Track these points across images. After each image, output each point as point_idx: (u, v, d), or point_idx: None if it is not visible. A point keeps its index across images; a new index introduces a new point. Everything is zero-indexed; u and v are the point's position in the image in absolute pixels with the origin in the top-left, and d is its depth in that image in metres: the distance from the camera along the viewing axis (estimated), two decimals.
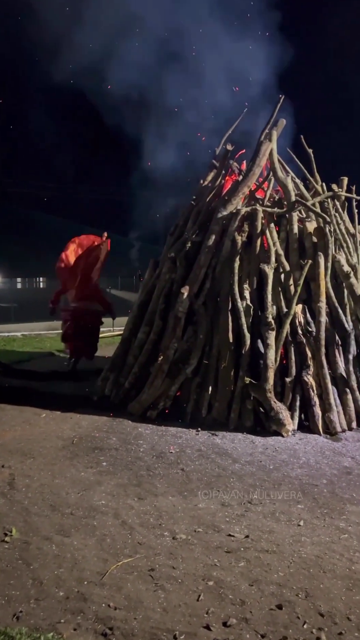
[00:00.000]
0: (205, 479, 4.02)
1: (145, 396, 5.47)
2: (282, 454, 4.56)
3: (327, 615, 2.46)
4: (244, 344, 5.30)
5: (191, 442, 4.82)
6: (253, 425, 5.16)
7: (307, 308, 5.49)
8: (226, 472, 4.17)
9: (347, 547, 3.07)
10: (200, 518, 3.40)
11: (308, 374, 5.21)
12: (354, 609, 2.51)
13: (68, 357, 8.01)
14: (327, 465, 4.33)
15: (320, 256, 5.42)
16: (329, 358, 5.27)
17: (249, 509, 3.55)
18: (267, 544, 3.10)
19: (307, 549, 3.04)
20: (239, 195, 5.71)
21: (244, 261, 5.61)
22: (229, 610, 2.49)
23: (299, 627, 2.37)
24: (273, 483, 3.97)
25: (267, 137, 5.68)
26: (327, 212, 5.58)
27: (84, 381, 7.01)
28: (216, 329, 5.53)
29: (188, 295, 5.57)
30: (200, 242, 5.78)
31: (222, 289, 5.61)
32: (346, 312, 5.47)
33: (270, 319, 5.25)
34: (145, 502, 3.62)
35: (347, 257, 5.63)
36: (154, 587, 2.65)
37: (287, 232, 5.64)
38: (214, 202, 6.03)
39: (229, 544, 3.09)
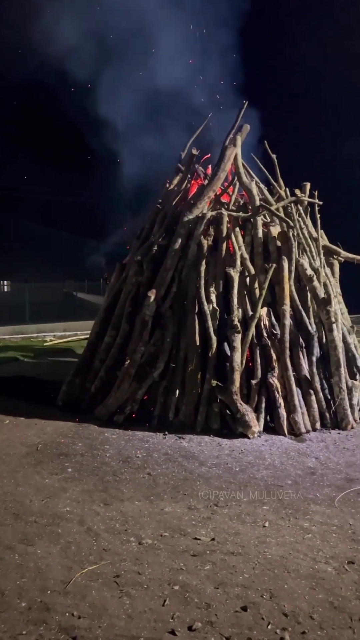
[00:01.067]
0: (172, 483, 4.02)
1: (111, 400, 5.43)
2: (248, 456, 4.60)
3: (290, 615, 2.49)
4: (211, 347, 5.34)
5: (158, 446, 4.81)
6: (220, 427, 5.19)
7: (271, 311, 5.56)
8: (193, 475, 4.18)
9: (310, 546, 3.12)
10: (167, 522, 3.39)
11: (273, 376, 5.28)
12: (317, 607, 2.55)
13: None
14: (292, 466, 4.39)
15: (284, 260, 5.51)
16: (293, 360, 5.35)
17: (215, 511, 3.56)
18: (232, 546, 3.11)
19: (272, 549, 3.08)
20: (204, 200, 5.75)
21: (210, 265, 5.65)
22: (195, 614, 2.49)
23: (263, 628, 2.39)
24: (239, 485, 4.00)
25: (231, 142, 5.74)
26: (291, 216, 5.68)
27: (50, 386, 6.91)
28: (183, 332, 5.54)
29: (155, 298, 5.57)
30: (166, 245, 5.79)
31: (189, 292, 5.63)
32: (309, 315, 5.57)
33: (236, 322, 5.30)
34: (111, 507, 3.58)
35: (310, 261, 5.74)
36: (119, 593, 2.63)
37: (252, 236, 5.71)
38: (179, 205, 6.06)
39: (195, 548, 3.09)
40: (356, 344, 5.82)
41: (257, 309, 5.37)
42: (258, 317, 5.38)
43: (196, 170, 6.29)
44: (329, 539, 3.21)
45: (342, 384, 5.34)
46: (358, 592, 2.67)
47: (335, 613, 2.51)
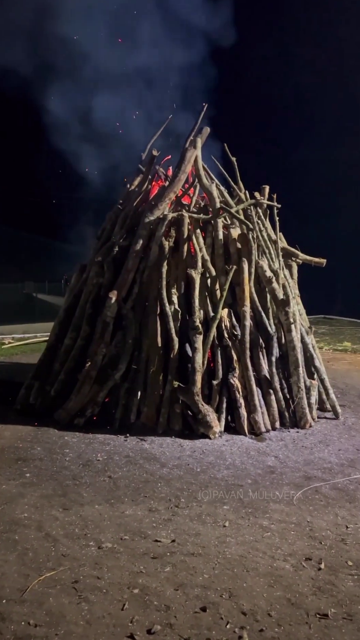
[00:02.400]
0: (132, 485, 3.99)
1: (72, 404, 5.35)
2: (209, 456, 4.63)
3: (249, 613, 2.52)
4: (173, 348, 5.34)
5: (119, 448, 4.77)
6: (182, 428, 5.20)
7: (232, 312, 5.62)
8: (154, 477, 4.17)
9: (269, 544, 3.17)
10: (127, 525, 3.37)
11: (234, 376, 5.33)
12: (275, 604, 2.59)
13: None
14: (252, 465, 4.45)
15: (244, 262, 5.57)
16: (254, 360, 5.42)
17: (176, 512, 3.56)
18: (193, 547, 3.12)
19: (232, 549, 3.10)
20: (165, 201, 5.75)
21: (171, 266, 5.65)
22: (154, 616, 2.48)
23: (222, 628, 2.41)
24: (200, 485, 4.02)
25: (191, 144, 5.77)
26: (250, 219, 5.75)
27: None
28: (145, 334, 5.52)
29: (116, 300, 5.52)
30: (127, 246, 5.75)
31: (151, 293, 5.62)
32: (269, 316, 5.66)
33: (197, 323, 5.32)
34: (71, 512, 3.53)
35: (269, 263, 5.82)
36: (77, 599, 2.59)
37: (213, 238, 5.75)
38: (141, 206, 6.03)
39: (155, 550, 3.08)
40: (314, 344, 5.95)
41: (218, 310, 5.41)
42: (219, 318, 5.42)
43: (157, 171, 6.29)
44: (287, 536, 3.26)
45: (300, 384, 5.45)
46: (314, 588, 2.73)
47: (292, 609, 2.55)
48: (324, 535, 3.27)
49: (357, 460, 4.56)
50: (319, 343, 9.52)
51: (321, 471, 4.31)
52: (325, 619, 2.48)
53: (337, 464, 4.47)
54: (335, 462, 4.50)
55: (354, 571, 2.89)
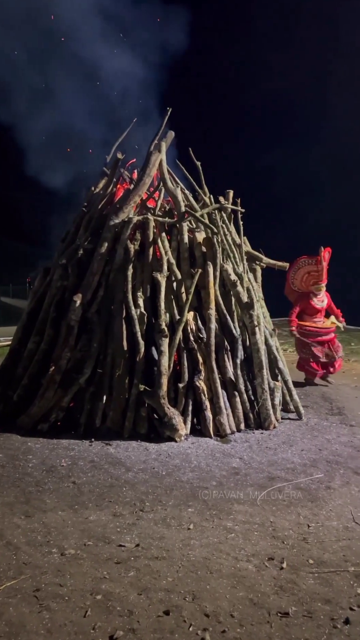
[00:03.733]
0: (97, 491, 3.96)
1: (35, 409, 5.26)
2: (174, 459, 4.63)
3: (212, 615, 2.53)
4: (139, 352, 5.33)
5: (84, 453, 4.72)
6: (147, 432, 5.19)
7: (198, 315, 5.65)
8: (119, 481, 4.15)
9: (233, 546, 3.19)
10: (91, 531, 3.34)
11: (200, 379, 5.35)
12: (238, 605, 2.61)
13: None
14: (217, 467, 4.48)
15: (209, 265, 5.62)
16: (219, 363, 5.46)
17: (141, 517, 3.56)
18: (157, 550, 3.12)
19: (196, 551, 3.12)
20: (130, 204, 5.74)
21: (137, 269, 5.64)
22: (117, 622, 2.46)
23: (185, 631, 2.42)
24: (165, 489, 4.02)
25: (156, 148, 5.78)
26: (215, 223, 5.80)
27: None
28: (110, 337, 5.49)
29: (81, 303, 5.47)
30: (92, 249, 5.71)
31: (116, 296, 5.59)
32: (234, 319, 5.72)
33: (163, 326, 5.33)
34: (33, 519, 3.47)
35: (234, 267, 5.89)
36: (38, 608, 2.55)
37: (178, 242, 5.78)
38: (105, 209, 6.00)
39: (119, 555, 3.06)
40: (278, 347, 6.05)
41: (184, 313, 5.43)
42: (185, 321, 5.45)
43: (122, 174, 6.27)
44: (250, 537, 3.30)
45: (264, 385, 5.52)
46: (276, 587, 2.77)
47: (254, 609, 2.58)
48: (287, 535, 3.33)
49: (319, 460, 4.65)
50: (284, 345, 9.67)
51: (284, 471, 4.38)
52: (286, 618, 2.52)
53: (299, 464, 4.55)
54: (298, 463, 4.58)
55: (314, 569, 2.95)
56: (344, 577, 2.87)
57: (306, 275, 7.41)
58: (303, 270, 7.39)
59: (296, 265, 7.39)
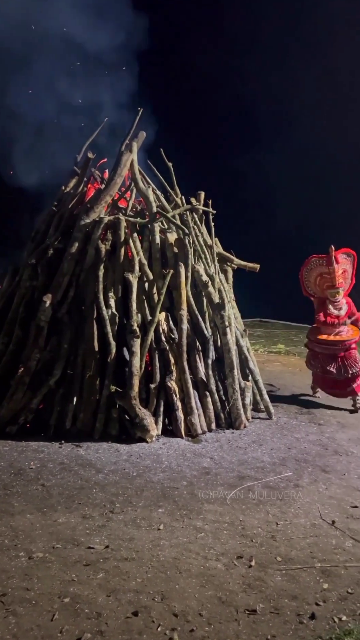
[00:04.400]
0: (66, 493, 3.92)
1: (4, 411, 5.17)
2: (145, 460, 4.63)
3: (180, 614, 2.54)
4: (110, 353, 5.30)
5: (54, 455, 4.67)
6: (118, 433, 5.16)
7: (169, 316, 5.66)
8: (89, 483, 4.12)
9: (203, 545, 3.21)
10: (60, 533, 3.31)
11: (171, 379, 5.36)
12: (206, 604, 2.63)
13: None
14: (188, 467, 4.49)
15: (181, 266, 5.63)
16: (190, 363, 5.48)
17: (111, 518, 3.54)
18: (126, 552, 3.11)
19: (166, 552, 3.12)
20: (101, 204, 5.70)
21: (108, 270, 5.61)
22: (84, 625, 2.45)
23: (153, 631, 2.42)
24: (136, 490, 4.01)
25: (127, 148, 5.76)
26: (187, 224, 5.82)
27: None
28: (81, 338, 5.45)
29: (51, 303, 5.41)
30: (62, 249, 5.65)
31: (87, 297, 5.55)
32: (205, 320, 5.75)
33: (135, 327, 5.31)
34: (0, 523, 3.41)
35: (205, 268, 5.92)
36: (4, 613, 2.51)
37: (150, 242, 5.77)
38: (76, 209, 5.95)
39: (88, 557, 3.04)
40: (248, 347, 6.10)
41: (155, 314, 5.43)
42: (157, 322, 5.45)
43: (92, 174, 6.23)
44: (220, 536, 3.33)
45: (235, 385, 5.57)
46: (245, 585, 2.80)
47: (222, 607, 2.61)
48: (255, 533, 3.36)
49: (288, 458, 4.72)
50: (255, 345, 9.78)
51: (254, 470, 4.43)
52: (253, 615, 2.55)
53: (269, 462, 4.61)
54: (268, 461, 4.64)
55: (282, 566, 2.99)
56: (310, 574, 2.92)
57: (319, 277, 6.49)
58: (315, 272, 6.51)
59: (307, 265, 6.54)
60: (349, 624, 2.48)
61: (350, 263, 6.57)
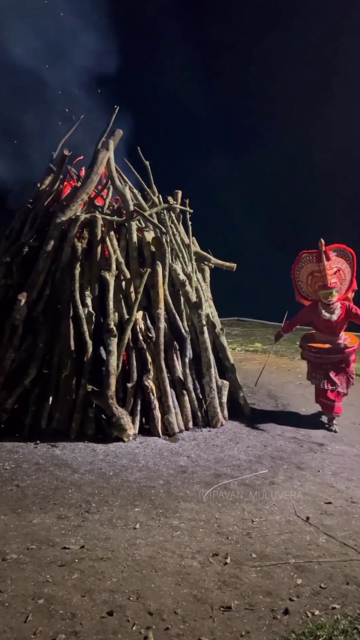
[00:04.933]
0: (42, 493, 3.88)
1: None
2: (122, 459, 4.61)
3: (155, 613, 2.54)
4: (86, 352, 5.27)
5: (29, 456, 4.62)
6: (95, 433, 5.13)
7: (147, 314, 5.65)
8: (65, 483, 4.08)
9: (178, 543, 3.22)
10: (34, 534, 3.27)
11: (148, 378, 5.35)
12: (181, 602, 2.64)
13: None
14: (165, 466, 4.50)
15: (159, 265, 5.62)
16: (168, 362, 5.48)
17: (86, 518, 3.52)
18: (102, 551, 3.10)
19: (142, 550, 3.12)
20: (77, 202, 5.66)
21: (84, 268, 5.57)
22: (59, 626, 2.43)
23: (128, 630, 2.41)
24: (112, 489, 4.00)
25: (104, 146, 5.73)
26: (164, 223, 5.82)
27: None
28: (57, 337, 5.40)
29: (26, 302, 5.34)
30: (38, 247, 5.59)
31: (63, 296, 5.50)
32: (183, 318, 5.75)
33: (112, 325, 5.29)
34: None
35: (182, 267, 5.93)
36: None
37: (127, 241, 5.75)
38: (52, 207, 5.89)
39: (63, 557, 3.02)
40: (225, 346, 6.13)
41: (133, 313, 5.42)
42: (134, 321, 5.43)
43: (69, 171, 6.17)
44: (196, 534, 3.34)
45: (212, 384, 5.59)
46: (220, 582, 2.82)
47: (197, 605, 2.62)
48: (231, 531, 3.39)
49: (263, 456, 4.77)
50: (232, 344, 9.84)
51: (230, 468, 4.46)
52: (228, 611, 2.57)
53: (245, 460, 4.65)
54: (244, 459, 4.67)
55: (257, 563, 3.02)
56: (284, 569, 2.95)
57: (310, 276, 5.67)
58: (306, 270, 5.67)
59: (298, 263, 5.71)
60: (322, 618, 2.52)
61: (348, 262, 5.65)
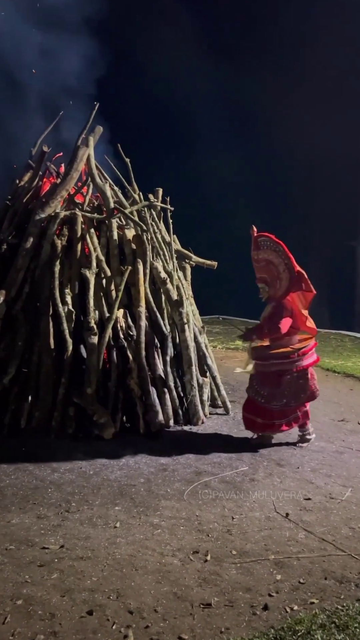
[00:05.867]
0: (20, 493, 3.84)
1: None
2: (102, 458, 4.59)
3: (135, 611, 2.54)
4: (66, 350, 5.22)
5: (8, 455, 4.56)
6: (75, 432, 5.10)
7: (128, 312, 5.63)
8: (44, 482, 4.05)
9: (159, 541, 3.22)
10: (13, 534, 3.24)
11: (129, 376, 5.34)
12: (162, 600, 2.64)
13: None
14: (145, 464, 4.49)
15: (139, 263, 5.61)
16: (149, 360, 5.47)
17: (66, 517, 3.50)
18: (82, 550, 3.08)
19: (122, 549, 3.11)
20: (57, 199, 5.60)
21: (64, 265, 5.52)
22: (37, 626, 2.41)
23: (107, 629, 2.41)
24: (92, 488, 3.98)
25: (84, 143, 5.68)
26: (145, 220, 5.79)
27: None
28: (36, 335, 5.34)
29: (5, 299, 5.28)
30: (17, 244, 5.52)
31: (42, 293, 5.45)
32: (164, 316, 5.75)
33: (92, 323, 5.26)
34: None
35: (163, 265, 5.92)
36: None
37: (108, 238, 5.71)
38: (31, 203, 5.82)
39: (42, 557, 2.99)
40: (206, 344, 6.15)
41: (113, 311, 5.39)
42: (115, 319, 5.40)
43: (48, 168, 6.11)
44: (176, 532, 3.34)
45: (193, 382, 5.60)
46: (200, 580, 2.83)
47: (178, 603, 2.62)
48: (211, 528, 3.40)
49: (244, 453, 4.79)
50: (213, 342, 9.87)
51: (211, 466, 4.47)
52: (208, 608, 2.58)
53: (226, 457, 4.66)
54: (225, 456, 4.69)
55: (237, 560, 3.03)
56: (264, 566, 2.98)
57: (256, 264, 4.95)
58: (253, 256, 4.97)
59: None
60: (300, 613, 2.55)
61: (281, 257, 4.73)
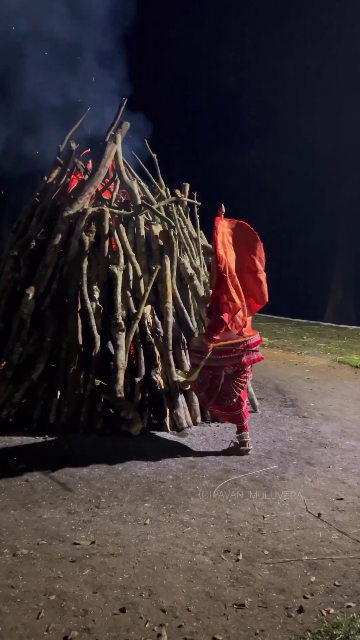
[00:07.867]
0: (51, 488, 3.87)
1: None
2: (131, 454, 4.59)
3: (168, 610, 2.52)
4: (94, 346, 5.24)
5: (37, 450, 4.60)
6: (103, 427, 5.11)
7: (154, 309, 5.61)
8: (74, 478, 4.07)
9: (189, 539, 3.19)
10: (44, 529, 3.26)
11: (157, 373, 5.32)
12: (194, 599, 2.62)
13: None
14: (174, 461, 4.47)
15: (167, 259, 5.58)
16: (176, 357, 5.44)
17: (96, 513, 3.50)
18: (113, 547, 3.08)
19: (152, 547, 3.10)
20: (85, 195, 5.61)
21: (92, 262, 5.53)
22: (71, 622, 2.41)
23: (141, 628, 2.39)
24: (121, 484, 3.98)
25: (112, 139, 5.67)
26: (172, 216, 5.76)
27: None
28: (64, 332, 5.37)
29: (33, 296, 5.32)
30: (45, 241, 5.55)
31: (70, 290, 5.47)
32: (191, 313, 5.71)
33: (120, 320, 5.26)
34: None
35: (190, 260, 5.88)
36: None
37: (135, 235, 5.70)
38: (59, 200, 5.85)
39: (73, 553, 3.00)
40: None
41: (141, 307, 5.38)
42: (142, 315, 5.39)
43: (76, 164, 6.12)
44: (207, 530, 3.31)
45: None
46: (232, 579, 2.79)
47: (210, 602, 2.59)
48: (242, 527, 3.36)
49: (273, 451, 4.73)
50: None
51: (240, 463, 4.43)
52: (241, 609, 2.54)
53: (254, 455, 4.61)
54: (253, 454, 4.64)
55: (269, 560, 2.99)
56: (297, 567, 2.92)
57: None
58: None
59: None
60: (337, 616, 2.49)
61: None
